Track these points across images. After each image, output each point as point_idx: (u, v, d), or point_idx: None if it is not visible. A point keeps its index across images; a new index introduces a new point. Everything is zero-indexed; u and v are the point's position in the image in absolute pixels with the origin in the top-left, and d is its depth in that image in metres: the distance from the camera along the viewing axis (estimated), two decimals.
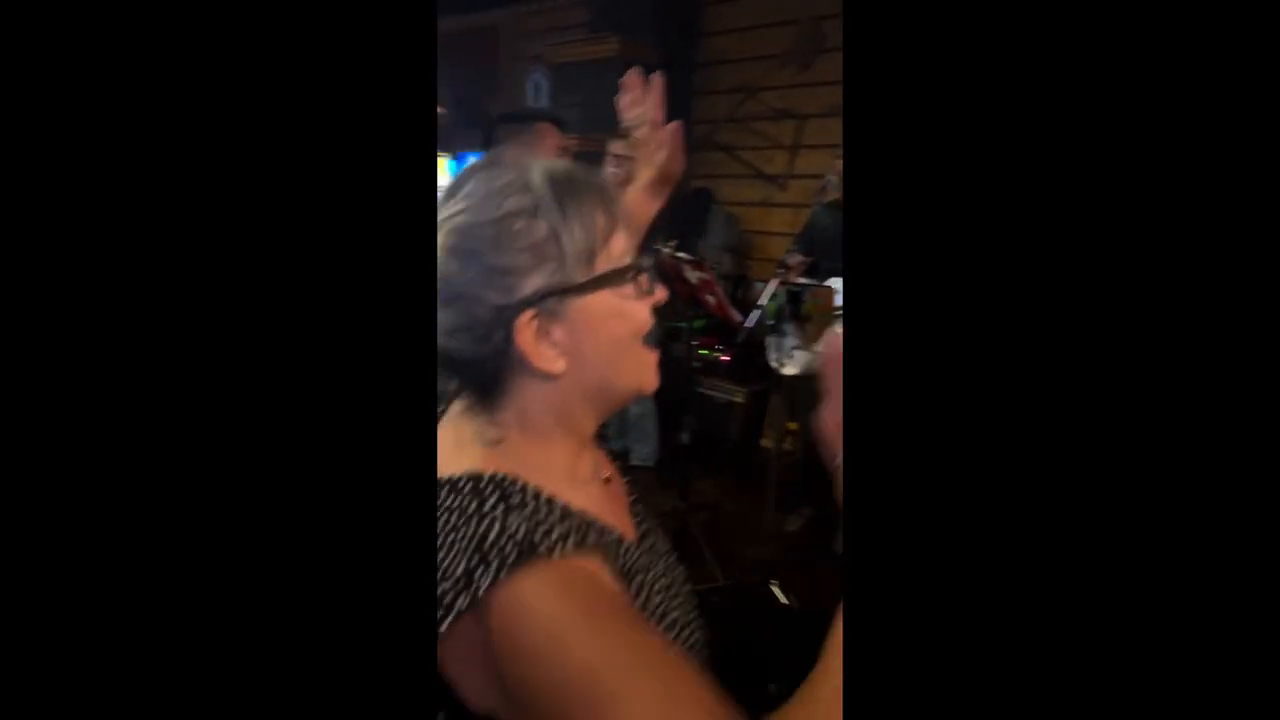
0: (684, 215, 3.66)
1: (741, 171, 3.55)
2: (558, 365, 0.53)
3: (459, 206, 0.52)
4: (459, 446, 0.54)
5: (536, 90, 3.94)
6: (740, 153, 3.54)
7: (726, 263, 3.50)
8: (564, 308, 0.52)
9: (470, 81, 4.38)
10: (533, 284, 0.51)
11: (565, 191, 0.53)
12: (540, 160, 0.55)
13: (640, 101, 0.77)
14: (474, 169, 0.55)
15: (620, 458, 3.00)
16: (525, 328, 0.51)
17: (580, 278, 0.52)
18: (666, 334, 3.33)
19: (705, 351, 3.19)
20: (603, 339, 0.54)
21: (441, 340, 0.52)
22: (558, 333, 0.52)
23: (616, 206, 0.56)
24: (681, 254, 2.35)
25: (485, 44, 4.58)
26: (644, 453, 2.91)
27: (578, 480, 0.58)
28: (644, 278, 0.56)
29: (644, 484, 2.83)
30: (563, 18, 4.15)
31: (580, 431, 0.58)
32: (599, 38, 3.56)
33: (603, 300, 0.54)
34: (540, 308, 0.51)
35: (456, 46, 4.49)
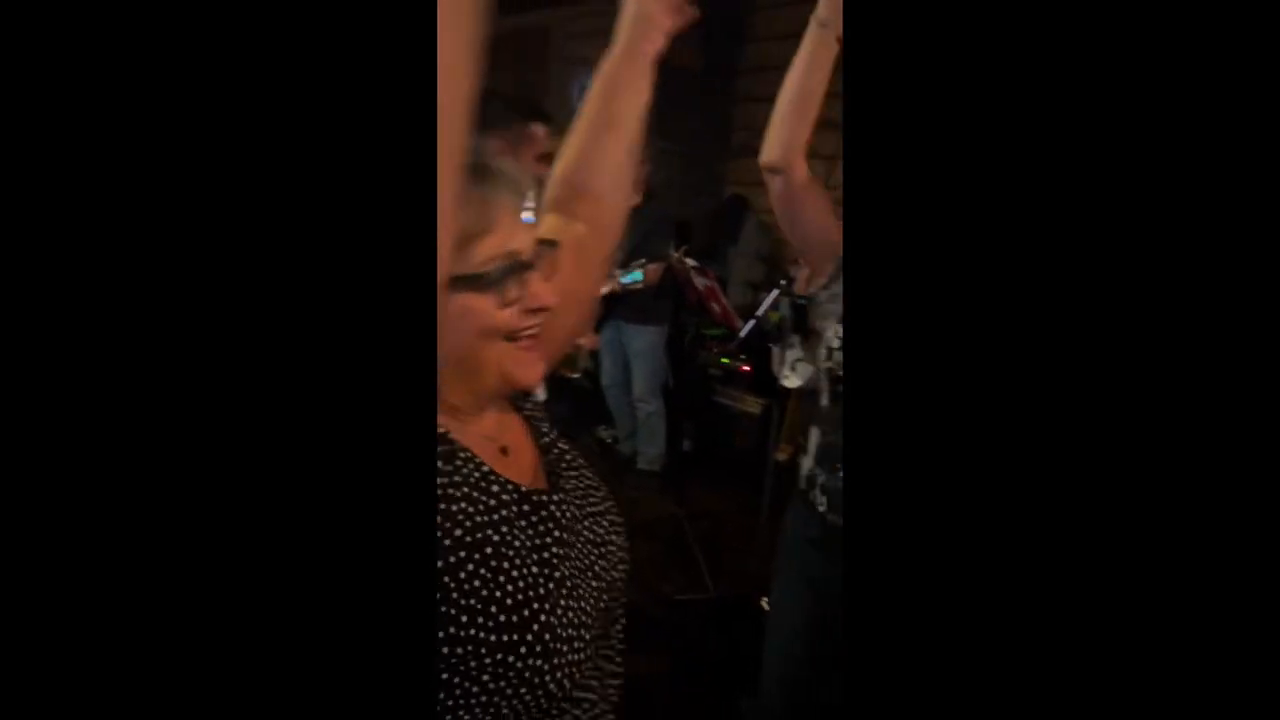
0: (718, 221, 3.64)
1: None
2: None
3: None
4: None
5: (581, 92, 3.97)
6: None
7: (757, 272, 3.46)
8: None
9: (521, 83, 4.46)
10: None
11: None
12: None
13: None
14: None
15: (629, 461, 3.01)
16: None
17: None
18: (694, 340, 3.32)
19: (727, 360, 3.16)
20: (448, 334, 0.55)
21: None
22: None
23: (493, 209, 0.56)
24: (689, 260, 2.34)
25: (536, 45, 4.66)
26: (650, 455, 2.91)
27: (468, 423, 0.61)
28: (503, 288, 0.56)
29: (648, 489, 2.83)
30: (612, 20, 4.18)
31: (455, 399, 0.60)
32: None
33: (451, 301, 0.55)
34: None
35: (507, 47, 4.59)
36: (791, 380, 2.14)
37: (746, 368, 3.06)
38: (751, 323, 1.91)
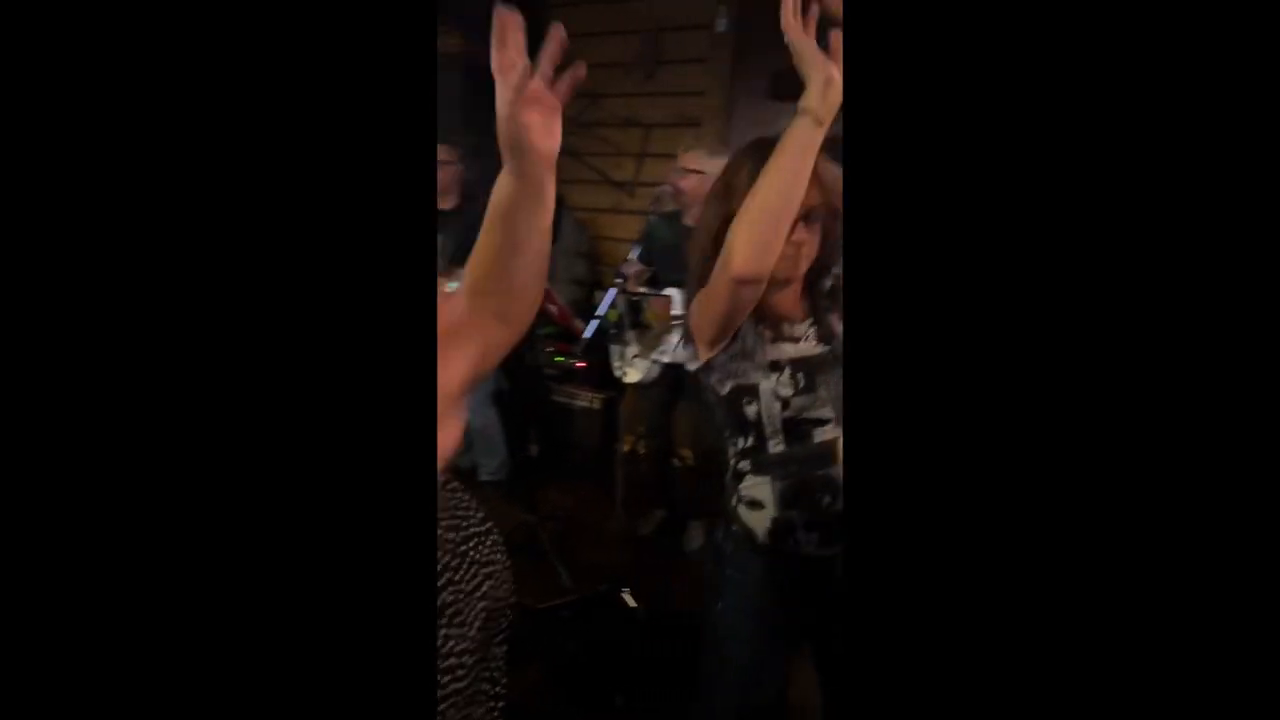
0: None
1: (590, 177, 3.55)
2: None
3: None
4: None
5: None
6: (589, 158, 3.53)
7: (579, 268, 3.48)
8: None
9: None
10: None
11: None
12: None
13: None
14: None
15: (470, 475, 2.89)
16: None
17: None
18: (527, 342, 3.26)
19: (560, 359, 3.15)
20: None
21: None
22: None
23: None
24: None
25: None
26: (491, 466, 2.82)
27: None
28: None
29: (494, 500, 2.74)
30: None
31: None
32: (442, 32, 3.41)
33: None
34: None
35: None
36: (630, 375, 2.19)
37: (581, 364, 3.08)
38: (594, 322, 1.93)
